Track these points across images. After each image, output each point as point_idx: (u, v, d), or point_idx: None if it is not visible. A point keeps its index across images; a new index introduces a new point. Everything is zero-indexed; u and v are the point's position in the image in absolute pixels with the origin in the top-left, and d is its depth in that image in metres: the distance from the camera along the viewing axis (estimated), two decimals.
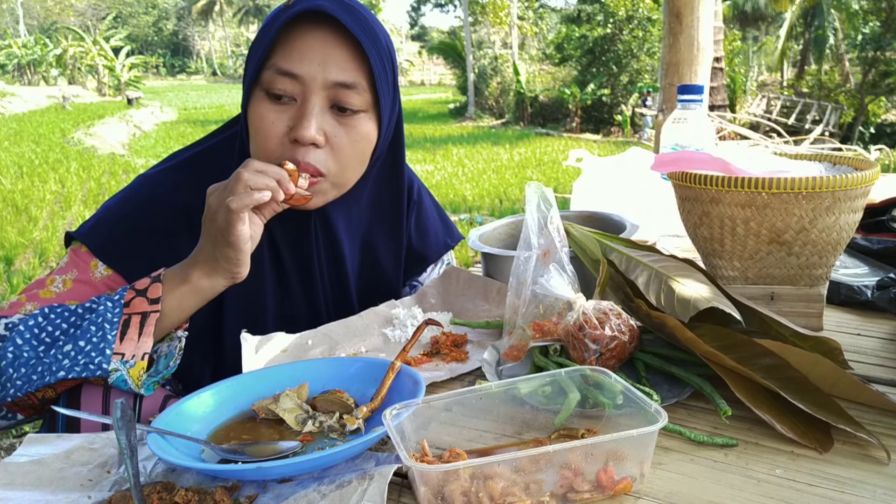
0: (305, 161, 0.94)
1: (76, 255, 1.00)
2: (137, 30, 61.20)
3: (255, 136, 0.97)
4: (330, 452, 0.67)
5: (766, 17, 23.66)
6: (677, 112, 1.55)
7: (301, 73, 0.93)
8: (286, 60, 0.94)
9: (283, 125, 0.95)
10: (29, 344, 0.84)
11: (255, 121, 0.96)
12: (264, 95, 0.96)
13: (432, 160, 12.21)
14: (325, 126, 0.95)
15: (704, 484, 0.65)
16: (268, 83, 0.95)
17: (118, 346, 0.83)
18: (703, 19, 4.18)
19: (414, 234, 1.24)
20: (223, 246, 0.86)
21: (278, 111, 0.95)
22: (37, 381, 0.82)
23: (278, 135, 0.95)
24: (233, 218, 0.83)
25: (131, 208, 1.03)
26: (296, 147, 0.95)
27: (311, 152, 0.95)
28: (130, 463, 0.63)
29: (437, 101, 29.81)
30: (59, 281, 0.97)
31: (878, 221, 1.37)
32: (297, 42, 0.94)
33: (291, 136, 0.94)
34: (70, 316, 0.87)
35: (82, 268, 0.99)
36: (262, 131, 0.96)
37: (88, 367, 0.81)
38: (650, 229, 1.42)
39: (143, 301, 0.87)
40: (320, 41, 0.94)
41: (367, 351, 1.01)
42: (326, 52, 0.94)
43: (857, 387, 0.77)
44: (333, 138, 0.96)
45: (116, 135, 16.83)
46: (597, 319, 0.85)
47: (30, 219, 7.50)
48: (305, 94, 0.94)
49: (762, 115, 16.52)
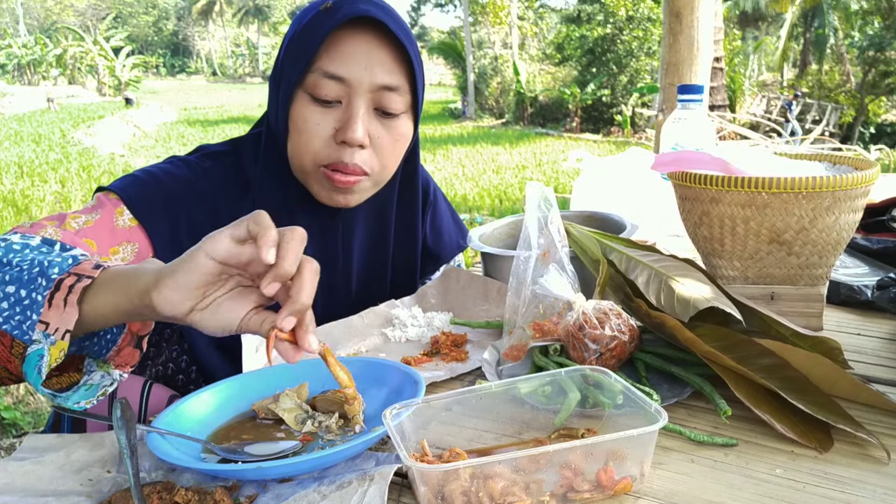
0: (353, 162, 0.97)
1: (105, 199, 0.98)
2: (137, 30, 61.19)
3: (299, 137, 0.98)
4: (330, 452, 0.67)
5: (766, 17, 23.65)
6: (677, 112, 1.55)
7: (347, 76, 0.95)
8: (333, 64, 0.95)
9: (329, 127, 0.97)
10: None
11: (300, 122, 0.98)
12: (308, 98, 0.97)
13: (432, 160, 12.21)
14: (370, 128, 0.98)
15: (704, 484, 0.65)
16: (312, 86, 0.96)
17: (45, 313, 0.69)
18: (703, 19, 4.19)
19: (429, 233, 1.27)
20: (187, 252, 0.66)
21: (323, 113, 0.97)
22: None
23: (323, 137, 0.97)
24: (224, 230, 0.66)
25: (166, 176, 1.02)
26: (342, 148, 0.97)
27: (357, 153, 0.98)
28: (130, 463, 0.63)
29: (437, 102, 29.80)
30: (83, 219, 0.94)
31: (878, 221, 1.37)
32: (343, 46, 0.96)
33: (339, 139, 0.97)
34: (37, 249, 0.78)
35: (108, 210, 0.96)
36: (306, 133, 0.98)
37: (21, 327, 0.71)
38: (650, 229, 1.42)
39: (90, 264, 0.73)
40: (365, 44, 0.96)
41: (367, 351, 1.02)
42: (371, 55, 0.96)
43: (857, 387, 0.77)
44: (377, 139, 0.99)
45: (116, 135, 16.83)
46: (597, 319, 0.85)
47: (30, 219, 7.50)
48: (351, 97, 0.97)
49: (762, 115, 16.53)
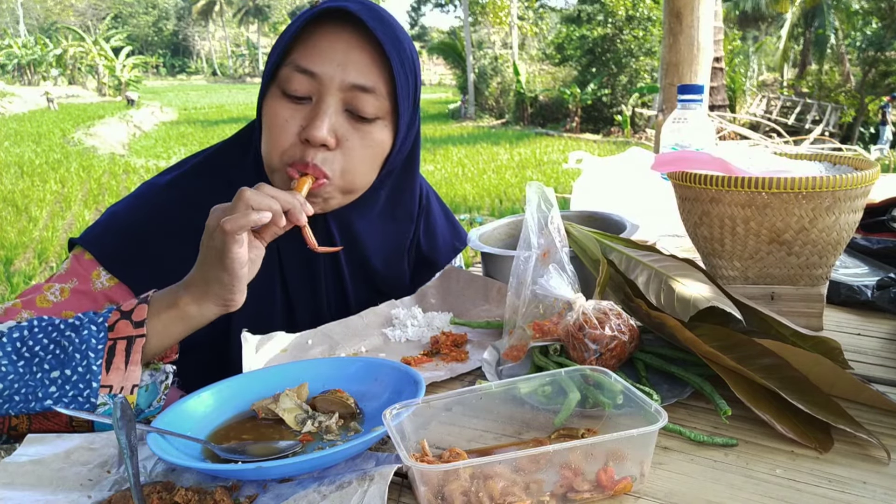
0: (314, 162, 0.92)
1: (78, 263, 0.96)
2: (137, 30, 61.20)
3: (268, 133, 0.95)
4: (330, 452, 0.67)
5: (767, 18, 23.65)
6: (677, 112, 1.55)
7: (319, 71, 0.91)
8: (305, 58, 0.92)
9: (297, 124, 0.93)
10: (8, 357, 0.79)
11: (269, 117, 0.94)
12: (280, 93, 0.94)
13: (432, 160, 12.21)
14: (337, 128, 0.93)
15: (704, 484, 0.65)
16: (284, 80, 0.93)
17: (105, 378, 0.79)
18: (703, 19, 4.19)
19: (423, 239, 1.23)
20: (217, 269, 0.80)
21: (293, 109, 0.93)
22: (20, 403, 0.77)
23: (291, 133, 0.93)
24: (228, 240, 0.77)
25: (139, 216, 1.00)
26: (306, 147, 0.93)
27: (319, 153, 0.93)
28: (130, 463, 0.63)
29: (437, 102, 29.80)
30: (58, 289, 0.94)
31: (878, 221, 1.37)
32: (318, 40, 0.92)
33: (303, 135, 0.92)
34: (52, 331, 0.81)
35: (83, 277, 0.95)
36: (274, 129, 0.94)
37: (77, 400, 0.78)
38: (650, 229, 1.42)
39: (128, 325, 0.81)
40: (342, 42, 0.92)
41: (367, 351, 1.01)
42: (347, 53, 0.92)
43: (857, 387, 0.77)
44: (345, 141, 0.94)
45: (116, 135, 16.83)
46: (597, 319, 0.85)
47: (30, 219, 7.51)
48: (321, 94, 0.93)
49: (762, 115, 16.53)
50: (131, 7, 61.93)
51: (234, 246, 0.78)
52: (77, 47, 35.82)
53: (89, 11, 56.46)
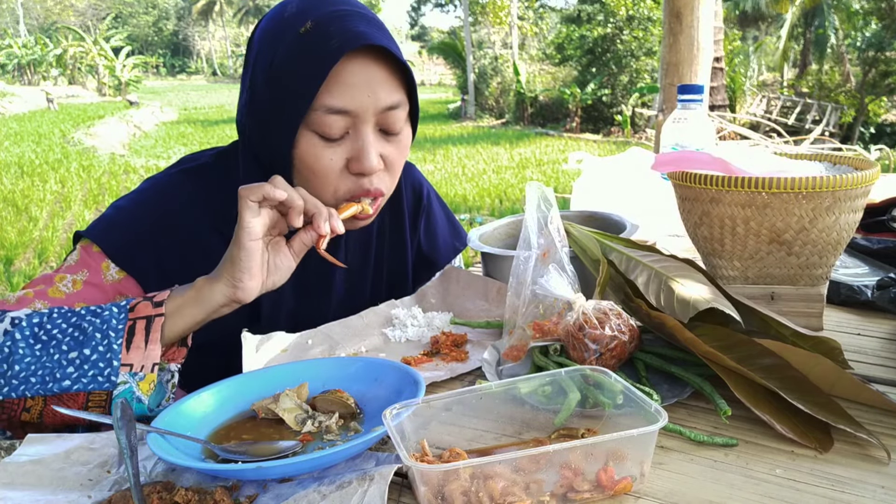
0: (374, 188, 0.96)
1: (87, 255, 0.97)
2: (137, 30, 61.19)
3: (314, 177, 0.95)
4: (330, 452, 0.67)
5: (766, 18, 23.65)
6: (677, 112, 1.55)
7: (353, 108, 0.91)
8: (336, 98, 0.90)
9: (341, 159, 0.94)
10: (26, 341, 0.80)
11: (310, 161, 0.94)
12: (314, 136, 0.93)
13: (432, 160, 12.21)
14: (380, 150, 0.96)
15: (704, 484, 0.65)
16: (318, 124, 0.92)
17: (125, 356, 0.80)
18: (703, 19, 4.20)
19: (423, 239, 1.24)
20: (234, 246, 0.83)
21: (333, 150, 0.94)
22: (36, 384, 0.78)
23: (337, 171, 0.95)
24: (241, 205, 0.81)
25: (145, 211, 1.00)
26: (359, 178, 0.95)
27: (374, 178, 0.96)
28: (130, 463, 0.63)
29: (437, 102, 29.80)
30: (70, 280, 0.95)
31: (878, 221, 1.37)
32: (344, 77, 0.90)
33: (354, 170, 0.94)
34: (72, 317, 0.83)
35: (94, 268, 0.96)
36: (320, 173, 0.94)
37: (97, 380, 0.79)
38: (650, 229, 1.42)
39: (148, 305, 0.83)
40: (364, 70, 0.91)
41: (367, 351, 1.01)
42: (371, 79, 0.92)
43: (857, 387, 0.77)
44: (387, 158, 0.98)
45: (116, 135, 16.83)
46: (597, 319, 0.85)
47: (30, 219, 7.51)
48: (357, 126, 0.93)
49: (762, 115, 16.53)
50: (131, 7, 61.92)
51: (247, 213, 0.81)
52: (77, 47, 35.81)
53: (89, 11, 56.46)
